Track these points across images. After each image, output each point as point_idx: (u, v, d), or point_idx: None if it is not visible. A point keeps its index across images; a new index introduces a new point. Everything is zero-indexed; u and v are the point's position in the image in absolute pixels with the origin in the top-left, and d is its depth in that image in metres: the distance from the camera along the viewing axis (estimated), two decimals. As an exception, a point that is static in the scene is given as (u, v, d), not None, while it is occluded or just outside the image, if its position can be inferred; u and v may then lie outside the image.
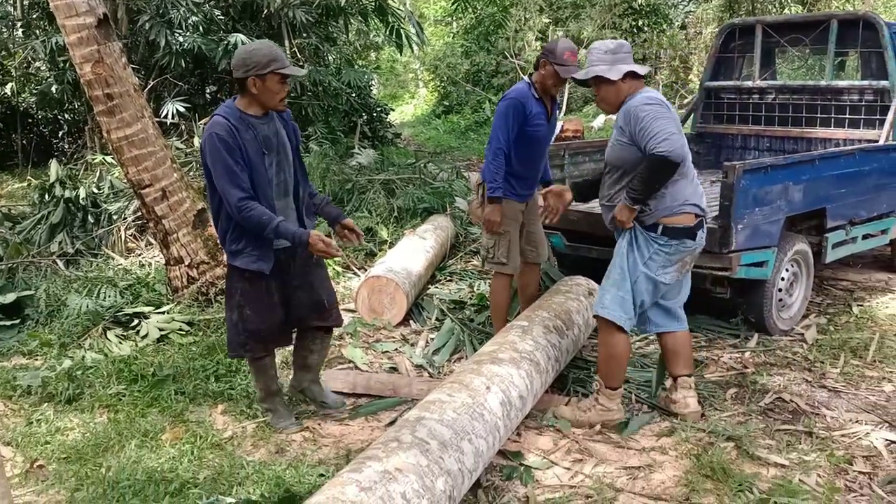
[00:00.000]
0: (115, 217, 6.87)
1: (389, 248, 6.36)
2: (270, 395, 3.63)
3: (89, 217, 6.84)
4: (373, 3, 10.71)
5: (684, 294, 3.67)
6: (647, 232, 3.39)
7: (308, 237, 3.18)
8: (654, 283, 3.43)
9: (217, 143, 3.08)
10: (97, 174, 7.72)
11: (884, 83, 5.75)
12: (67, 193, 6.83)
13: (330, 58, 11.56)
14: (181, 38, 8.54)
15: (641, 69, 3.41)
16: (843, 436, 3.49)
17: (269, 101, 3.20)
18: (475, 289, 5.62)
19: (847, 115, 6.12)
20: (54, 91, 9.57)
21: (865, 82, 6.01)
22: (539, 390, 3.54)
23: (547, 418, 3.65)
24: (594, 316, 3.59)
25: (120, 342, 4.60)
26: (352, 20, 11.28)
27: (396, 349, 4.69)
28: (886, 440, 3.43)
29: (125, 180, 5.80)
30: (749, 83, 6.69)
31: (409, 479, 2.39)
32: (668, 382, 3.76)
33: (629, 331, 3.52)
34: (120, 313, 4.86)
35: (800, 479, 3.08)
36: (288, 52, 9.62)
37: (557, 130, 8.60)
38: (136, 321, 4.81)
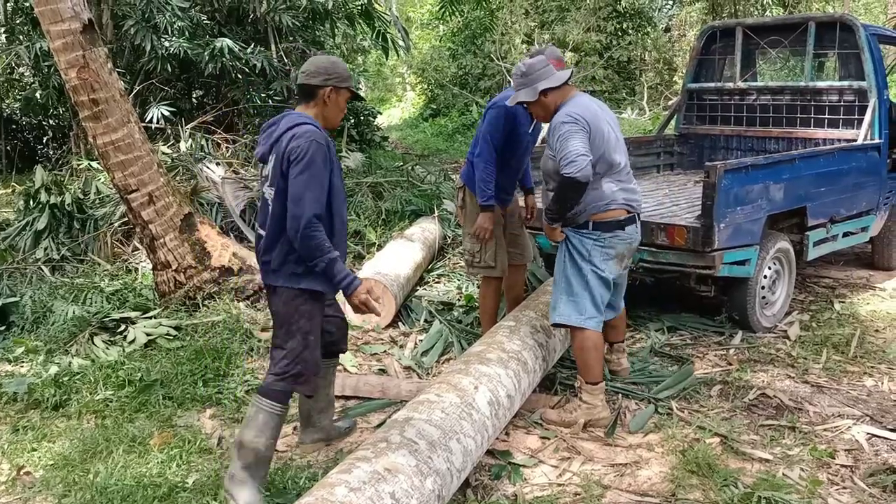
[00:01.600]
0: (101, 223, 6.84)
1: (377, 250, 6.38)
2: (265, 462, 2.98)
3: (75, 223, 6.80)
4: (359, 7, 10.72)
5: (623, 288, 3.89)
6: (579, 231, 3.55)
7: (359, 285, 2.90)
8: (601, 279, 3.56)
9: (316, 151, 2.79)
10: (82, 179, 7.68)
11: (861, 83, 5.83)
12: (53, 199, 6.79)
13: (316, 62, 11.56)
14: (167, 43, 8.51)
15: (556, 81, 3.52)
16: (825, 430, 3.54)
17: (334, 118, 3.01)
18: (463, 290, 5.65)
19: (826, 116, 6.20)
20: (39, 97, 9.54)
21: (844, 83, 6.09)
22: (527, 389, 3.57)
23: (534, 418, 3.69)
24: (552, 325, 3.71)
25: (107, 348, 4.59)
26: (338, 24, 11.28)
27: (385, 351, 4.71)
28: (868, 434, 3.49)
29: (111, 185, 5.78)
30: (730, 84, 6.77)
31: (398, 479, 2.41)
32: (607, 347, 4.03)
33: (596, 328, 3.59)
34: (107, 319, 4.85)
35: (783, 473, 3.13)
36: (274, 56, 9.62)
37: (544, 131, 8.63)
38: (123, 327, 4.79)
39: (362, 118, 12.64)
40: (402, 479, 2.43)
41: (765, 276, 4.84)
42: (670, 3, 18.26)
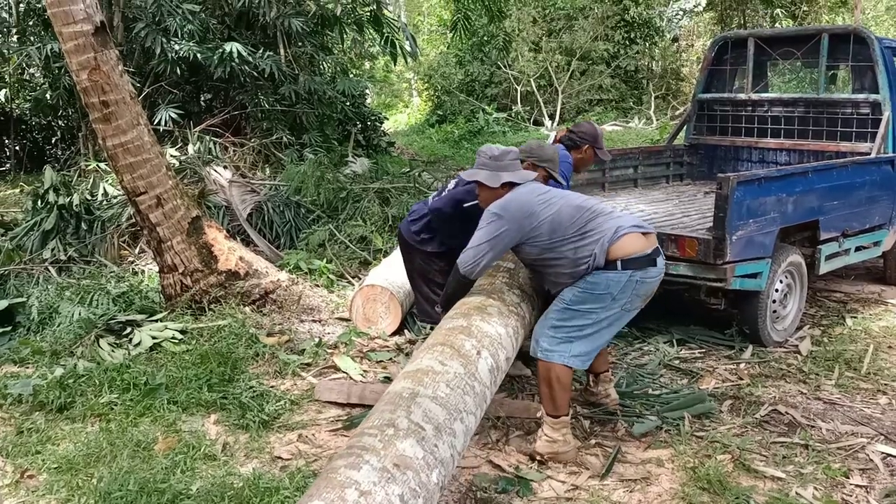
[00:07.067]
0: (108, 224, 6.82)
1: (384, 256, 6.35)
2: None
3: (82, 224, 6.79)
4: (368, 14, 10.72)
5: None
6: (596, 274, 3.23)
7: None
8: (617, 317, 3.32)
9: None
10: (91, 181, 7.67)
11: (875, 96, 5.79)
12: (61, 200, 6.78)
13: (325, 66, 11.55)
14: (177, 46, 8.51)
15: (521, 178, 3.42)
16: (839, 448, 3.49)
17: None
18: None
19: (839, 128, 6.16)
20: (48, 97, 9.52)
21: (858, 96, 6.05)
22: (520, 343, 3.43)
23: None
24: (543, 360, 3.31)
25: (112, 350, 4.56)
26: (347, 30, 11.27)
27: (391, 359, 4.67)
28: (883, 453, 3.44)
29: (119, 187, 5.76)
30: (742, 95, 6.73)
31: (406, 478, 2.29)
32: (591, 378, 3.86)
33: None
34: (112, 321, 4.82)
35: (797, 493, 3.08)
36: (283, 60, 9.60)
37: (552, 139, 8.65)
38: (128, 329, 4.77)
39: (369, 123, 12.61)
40: (410, 476, 2.31)
41: (776, 290, 4.79)
42: (680, 14, 18.22)
